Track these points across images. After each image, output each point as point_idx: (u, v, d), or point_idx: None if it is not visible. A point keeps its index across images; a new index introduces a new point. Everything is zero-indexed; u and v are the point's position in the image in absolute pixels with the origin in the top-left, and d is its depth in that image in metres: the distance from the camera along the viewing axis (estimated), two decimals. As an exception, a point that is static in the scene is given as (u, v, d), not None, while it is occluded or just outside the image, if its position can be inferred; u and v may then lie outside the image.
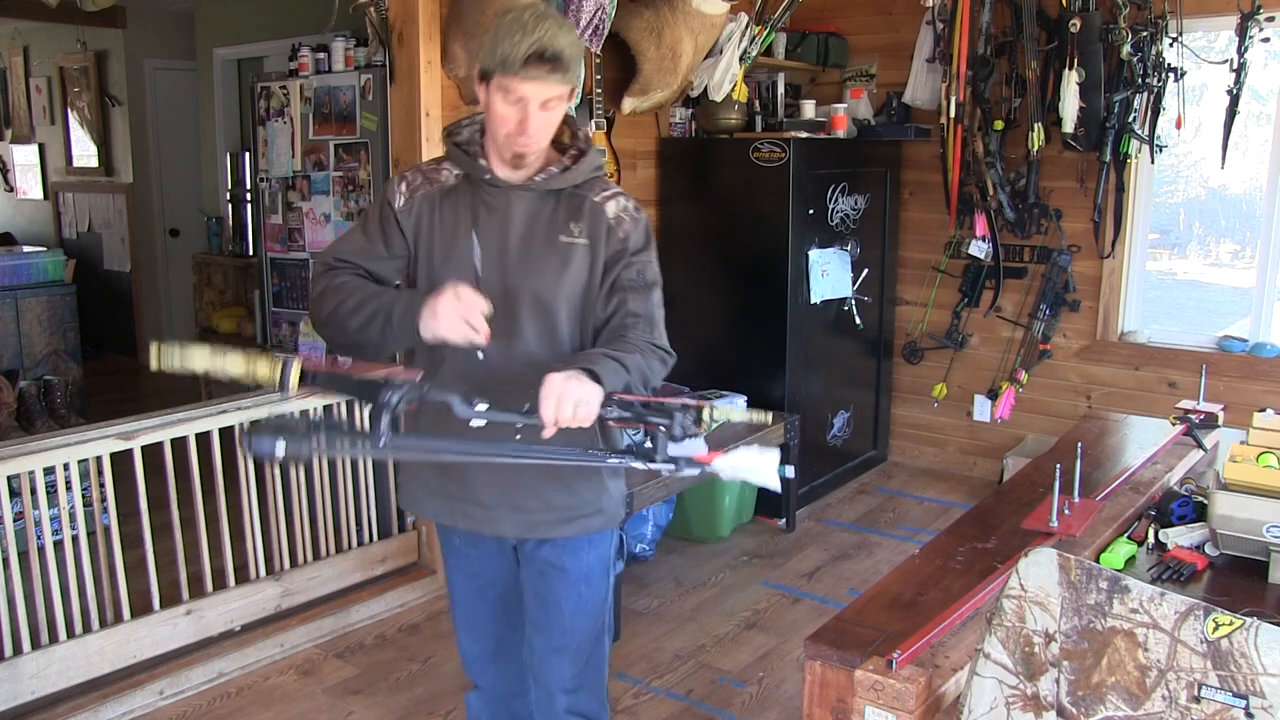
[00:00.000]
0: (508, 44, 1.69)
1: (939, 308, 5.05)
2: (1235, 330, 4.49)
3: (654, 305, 1.90)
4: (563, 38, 1.71)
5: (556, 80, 1.72)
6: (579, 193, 1.88)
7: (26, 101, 7.79)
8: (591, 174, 1.89)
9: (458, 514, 1.96)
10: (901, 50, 4.84)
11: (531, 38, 1.67)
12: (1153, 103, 4.20)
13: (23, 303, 5.55)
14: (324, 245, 4.08)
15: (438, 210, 1.89)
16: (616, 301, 1.87)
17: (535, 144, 1.79)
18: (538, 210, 1.86)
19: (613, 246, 1.87)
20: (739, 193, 4.42)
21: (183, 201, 7.35)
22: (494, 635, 2.12)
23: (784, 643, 3.46)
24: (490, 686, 2.17)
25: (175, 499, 3.11)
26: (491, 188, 1.86)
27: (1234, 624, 1.40)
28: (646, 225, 1.92)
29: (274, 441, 1.46)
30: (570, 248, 1.85)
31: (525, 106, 1.73)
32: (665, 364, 1.87)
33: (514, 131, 1.75)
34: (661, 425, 1.62)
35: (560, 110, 1.79)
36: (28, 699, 2.85)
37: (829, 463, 4.87)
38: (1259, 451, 2.08)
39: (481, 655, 2.14)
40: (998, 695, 1.58)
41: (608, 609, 2.05)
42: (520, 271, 1.84)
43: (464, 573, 2.07)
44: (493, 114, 1.76)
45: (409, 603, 3.71)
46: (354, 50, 3.93)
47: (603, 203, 1.88)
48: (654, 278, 1.92)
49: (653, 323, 1.89)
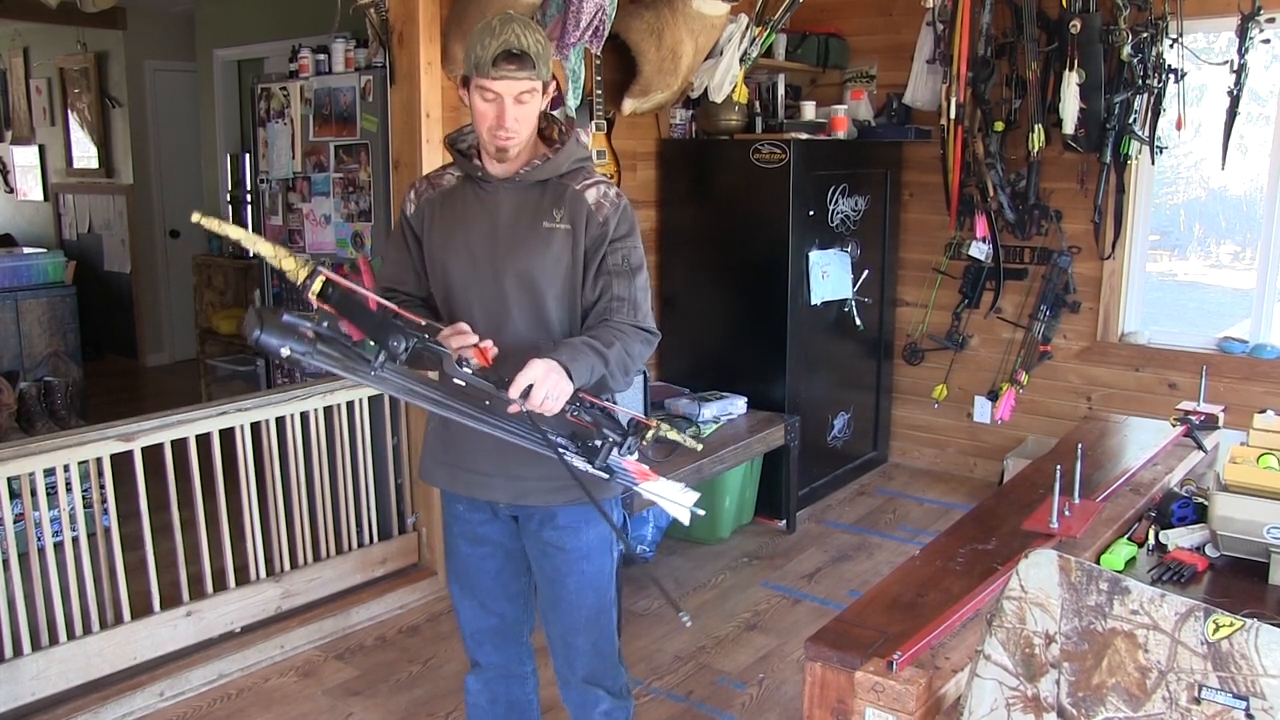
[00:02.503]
0: (479, 48, 1.87)
1: (939, 309, 5.05)
2: (1235, 331, 4.49)
3: (637, 289, 2.03)
4: (527, 37, 1.88)
5: (525, 75, 1.88)
6: (562, 182, 2.02)
7: (27, 103, 7.80)
8: (574, 165, 2.04)
9: (459, 481, 2.12)
10: (902, 51, 4.84)
11: (499, 40, 1.86)
12: (1153, 104, 4.19)
13: (23, 304, 5.55)
14: (324, 246, 4.09)
15: (439, 209, 2.08)
16: (602, 285, 2.01)
17: (515, 135, 1.93)
18: (524, 200, 2.01)
19: (593, 231, 2.00)
20: (739, 194, 4.43)
21: (183, 203, 7.35)
22: (495, 609, 2.21)
23: (784, 644, 3.46)
24: (488, 663, 2.27)
25: (175, 500, 3.12)
26: (484, 184, 2.03)
27: (1234, 625, 1.40)
28: (627, 211, 2.05)
29: (283, 342, 1.54)
30: (552, 232, 1.99)
31: (500, 102, 1.90)
32: (649, 344, 2.03)
33: (494, 125, 1.91)
34: (613, 436, 1.80)
35: (534, 103, 1.94)
36: (28, 700, 2.85)
37: (829, 464, 4.87)
38: (1259, 453, 2.08)
39: (482, 630, 2.24)
40: (998, 696, 1.58)
41: (612, 582, 2.16)
42: (507, 253, 2.00)
43: (466, 538, 2.18)
44: (475, 113, 1.94)
45: (409, 604, 3.71)
46: (354, 51, 3.93)
47: (583, 190, 2.02)
48: (638, 262, 2.05)
49: (636, 305, 2.02)
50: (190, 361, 6.99)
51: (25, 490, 2.84)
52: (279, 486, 3.41)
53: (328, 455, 3.54)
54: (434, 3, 3.47)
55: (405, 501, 3.82)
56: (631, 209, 2.06)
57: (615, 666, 2.21)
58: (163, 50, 7.23)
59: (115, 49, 7.11)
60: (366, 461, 3.66)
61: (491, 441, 1.90)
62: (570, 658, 2.17)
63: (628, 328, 1.98)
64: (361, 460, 3.65)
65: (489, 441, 1.90)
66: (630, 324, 1.99)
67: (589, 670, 2.17)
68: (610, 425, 1.82)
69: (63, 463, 2.89)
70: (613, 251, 2.00)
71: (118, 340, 7.56)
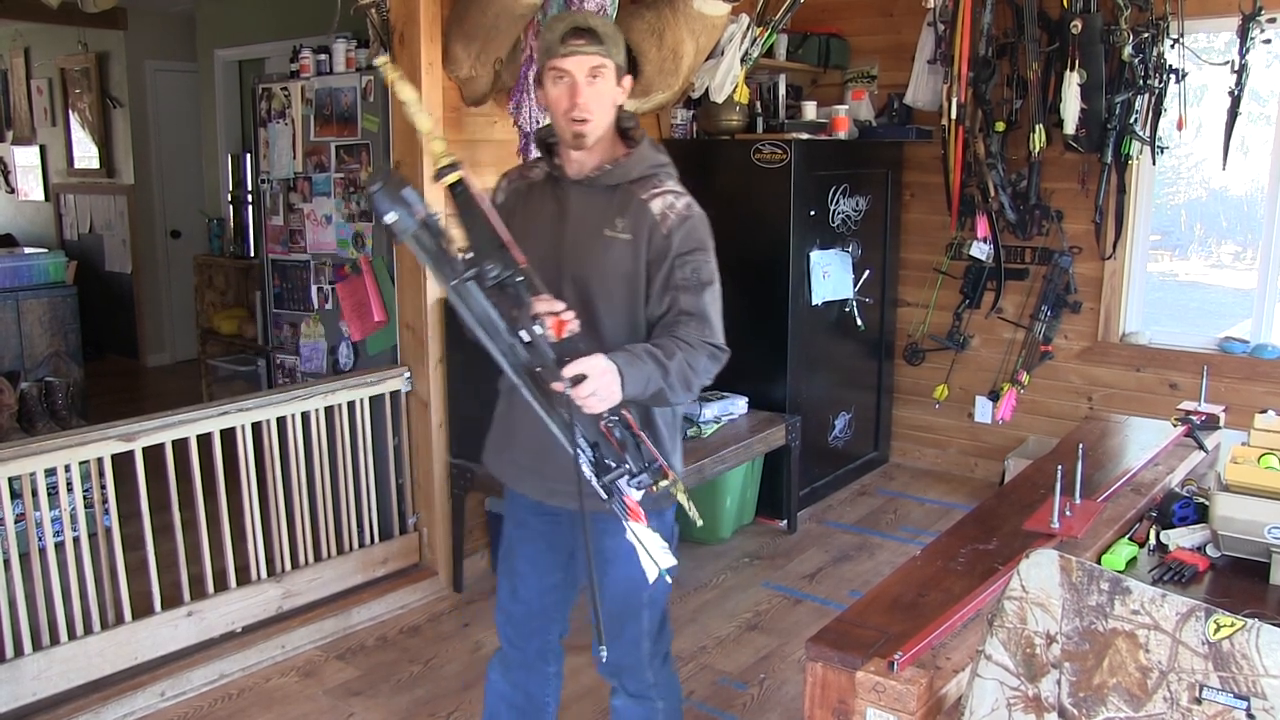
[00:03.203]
0: (548, 34, 1.93)
1: (940, 309, 5.05)
2: (1236, 332, 4.49)
3: (706, 303, 1.98)
4: (593, 17, 1.95)
5: (595, 50, 1.91)
6: (630, 190, 2.00)
7: (28, 103, 7.80)
8: (646, 171, 2.01)
9: (506, 470, 2.17)
10: (903, 51, 4.84)
11: (566, 21, 1.92)
12: (1154, 104, 4.19)
13: (24, 304, 5.56)
14: (325, 246, 4.09)
15: (523, 200, 2.11)
16: (669, 300, 1.97)
17: (590, 116, 1.92)
18: (591, 204, 2.01)
19: (656, 243, 1.96)
20: (740, 194, 4.42)
21: (184, 203, 7.36)
22: (523, 596, 2.24)
23: (785, 644, 3.46)
24: (510, 649, 2.30)
25: (176, 500, 3.12)
26: (559, 183, 2.04)
27: (1235, 625, 1.40)
28: (697, 224, 2.00)
29: (393, 208, 1.55)
30: (612, 241, 1.97)
31: (572, 80, 1.91)
32: (716, 359, 1.99)
33: (568, 106, 1.92)
34: (630, 465, 1.77)
35: (607, 84, 1.94)
36: (29, 700, 2.85)
37: (830, 464, 4.87)
38: (1260, 453, 2.08)
39: (510, 613, 2.27)
40: (999, 696, 1.58)
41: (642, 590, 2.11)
42: (566, 257, 1.99)
43: (513, 520, 2.25)
44: (550, 102, 1.96)
45: (410, 604, 3.71)
46: (355, 51, 3.93)
47: (649, 200, 1.99)
48: (709, 276, 2.00)
49: (705, 320, 1.97)
50: (191, 362, 6.99)
51: (26, 490, 2.84)
52: (280, 486, 3.42)
53: (329, 455, 3.54)
54: (435, 3, 3.47)
55: (406, 501, 3.82)
56: (704, 221, 2.02)
57: (641, 670, 2.20)
58: (164, 50, 7.24)
59: (116, 49, 7.12)
60: (367, 461, 3.67)
61: (533, 439, 1.93)
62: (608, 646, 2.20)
63: (696, 341, 1.93)
64: (362, 460, 3.65)
65: (532, 438, 1.94)
66: (698, 338, 1.94)
67: (611, 662, 2.16)
68: (633, 455, 1.79)
69: (64, 463, 2.89)
70: (681, 265, 1.96)
71: (119, 340, 7.56)
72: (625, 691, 2.22)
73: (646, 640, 2.18)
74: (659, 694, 2.23)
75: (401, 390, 3.73)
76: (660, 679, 2.23)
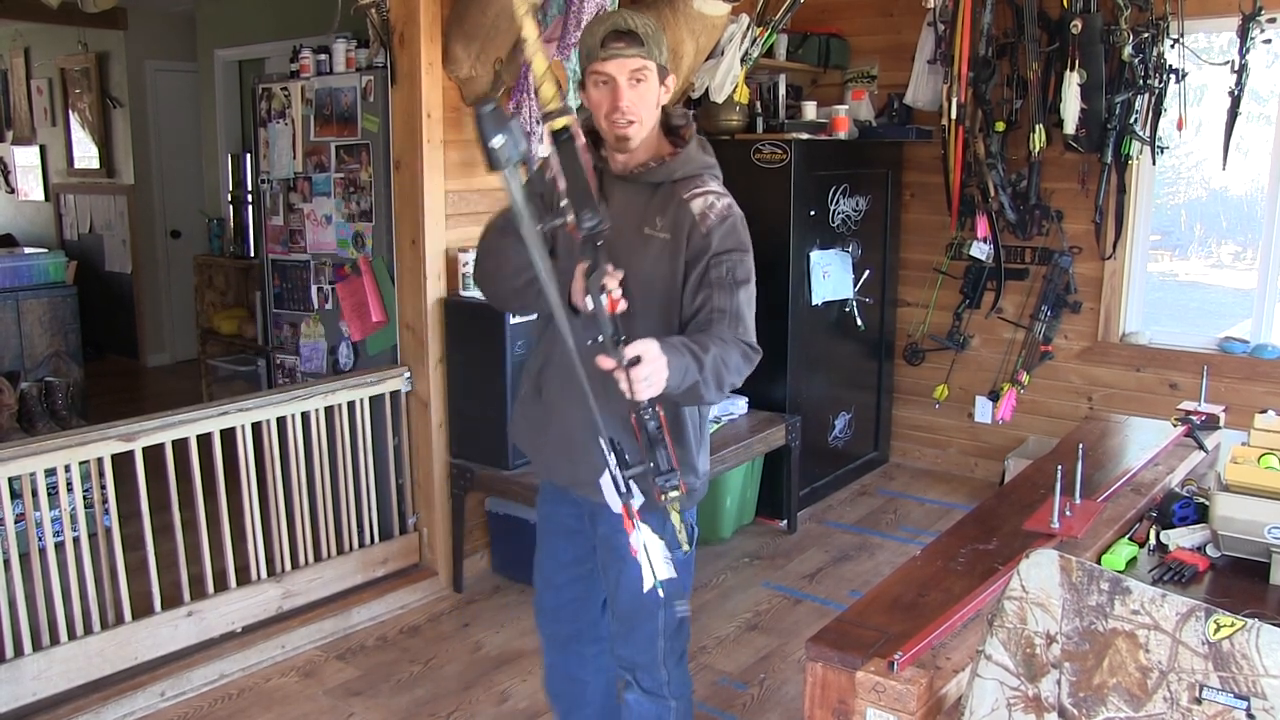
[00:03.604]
0: (588, 38, 1.90)
1: (940, 309, 5.05)
2: (1236, 332, 4.49)
3: (741, 302, 1.98)
4: (635, 19, 1.90)
5: (636, 53, 1.88)
6: (673, 189, 1.99)
7: (28, 103, 7.80)
8: (690, 171, 2.01)
9: (536, 455, 2.20)
10: (903, 52, 4.84)
11: (606, 23, 1.90)
12: (1154, 104, 4.20)
13: (24, 304, 5.55)
14: (325, 246, 4.09)
15: None
16: (703, 297, 1.96)
17: (634, 118, 1.91)
18: (633, 201, 2.00)
19: (695, 243, 1.96)
20: (740, 194, 4.28)
21: (184, 203, 7.36)
22: (550, 579, 2.29)
23: (785, 644, 3.46)
24: (543, 630, 2.37)
25: (176, 500, 3.12)
26: (603, 175, 2.03)
27: (1235, 625, 1.40)
28: (737, 225, 2.01)
29: (499, 131, 1.54)
30: (650, 240, 1.97)
31: (614, 84, 1.90)
32: (748, 359, 1.98)
33: (610, 110, 1.91)
34: (653, 465, 1.73)
35: (650, 87, 1.93)
36: (29, 700, 2.85)
37: (830, 464, 4.87)
38: (1260, 453, 2.08)
39: (540, 595, 2.34)
40: (999, 696, 1.58)
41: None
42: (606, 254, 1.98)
43: (545, 501, 2.29)
44: (593, 106, 1.94)
45: (410, 604, 3.71)
46: (355, 51, 3.93)
47: (690, 199, 1.98)
48: (745, 276, 2.00)
49: (739, 318, 1.97)
50: (191, 362, 6.99)
51: (26, 490, 2.84)
52: (280, 486, 3.42)
53: (329, 455, 3.54)
54: (435, 3, 3.47)
55: (406, 501, 3.82)
56: (744, 222, 2.01)
57: (655, 668, 2.21)
58: (164, 50, 7.24)
59: (116, 49, 7.12)
60: (367, 461, 3.66)
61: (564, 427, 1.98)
62: (614, 641, 2.26)
63: (729, 337, 1.92)
64: (362, 460, 3.65)
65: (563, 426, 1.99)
66: (732, 336, 1.93)
67: (625, 655, 2.22)
68: (663, 456, 1.74)
69: (64, 463, 2.89)
70: (716, 264, 1.95)
71: (119, 340, 7.56)
72: (639, 687, 2.23)
73: (662, 638, 2.18)
74: (672, 692, 2.23)
75: (401, 390, 3.73)
76: (675, 677, 2.23)
